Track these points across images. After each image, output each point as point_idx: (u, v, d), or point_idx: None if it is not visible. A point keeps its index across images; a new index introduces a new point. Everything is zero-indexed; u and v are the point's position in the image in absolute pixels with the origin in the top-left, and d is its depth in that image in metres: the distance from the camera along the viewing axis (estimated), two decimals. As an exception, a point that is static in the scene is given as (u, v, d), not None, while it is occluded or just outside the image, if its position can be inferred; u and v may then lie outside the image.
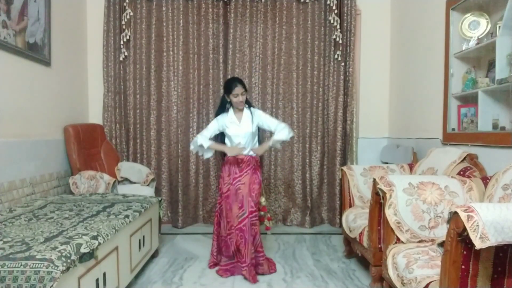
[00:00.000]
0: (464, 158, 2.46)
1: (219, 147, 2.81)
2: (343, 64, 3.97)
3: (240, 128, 2.78)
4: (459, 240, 1.40)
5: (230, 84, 2.76)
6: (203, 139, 2.75)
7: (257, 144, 2.86)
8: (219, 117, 2.85)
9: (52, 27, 3.20)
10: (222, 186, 2.79)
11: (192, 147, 2.87)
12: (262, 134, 3.12)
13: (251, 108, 2.86)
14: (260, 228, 2.77)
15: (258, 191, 2.72)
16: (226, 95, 2.79)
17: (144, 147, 4.01)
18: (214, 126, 2.84)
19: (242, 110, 2.81)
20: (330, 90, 4.00)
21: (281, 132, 2.69)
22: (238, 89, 2.71)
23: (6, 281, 1.39)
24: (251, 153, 2.76)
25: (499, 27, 2.29)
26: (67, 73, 3.55)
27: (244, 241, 2.60)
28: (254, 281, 2.55)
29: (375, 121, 4.15)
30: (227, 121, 2.81)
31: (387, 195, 2.02)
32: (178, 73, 3.95)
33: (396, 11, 4.00)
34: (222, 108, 2.87)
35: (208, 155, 2.85)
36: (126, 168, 3.67)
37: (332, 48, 3.98)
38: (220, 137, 2.89)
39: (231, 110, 2.82)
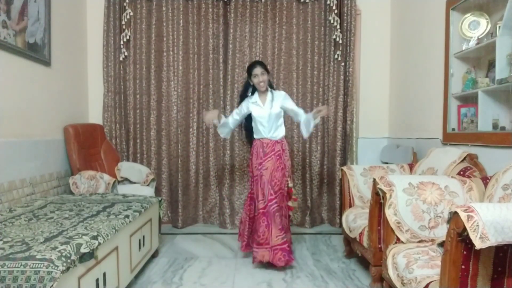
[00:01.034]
0: (464, 158, 2.46)
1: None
2: (343, 64, 3.97)
3: (263, 109, 2.90)
4: (459, 240, 1.40)
5: (250, 66, 2.95)
6: (226, 119, 3.02)
7: (282, 125, 2.96)
8: (244, 101, 3.00)
9: (52, 27, 3.20)
10: (252, 168, 2.94)
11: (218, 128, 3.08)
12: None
13: (273, 90, 2.99)
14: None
15: (280, 179, 2.83)
16: (249, 79, 2.95)
17: (144, 147, 4.01)
18: (241, 108, 2.99)
19: (265, 92, 2.94)
20: (330, 90, 4.00)
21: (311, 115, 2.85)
22: (257, 70, 2.86)
23: (6, 281, 1.39)
24: (276, 137, 2.90)
25: (499, 27, 2.29)
26: (67, 73, 3.55)
27: (267, 225, 2.76)
28: (257, 261, 2.75)
29: (375, 121, 4.15)
30: (251, 103, 2.95)
31: (387, 195, 2.02)
32: (178, 73, 3.95)
33: (396, 11, 4.00)
34: (244, 91, 3.03)
35: (224, 130, 3.06)
36: (126, 168, 3.67)
37: (332, 48, 3.98)
38: (245, 121, 3.06)
39: (256, 93, 2.96)
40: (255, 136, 2.98)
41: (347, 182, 3.03)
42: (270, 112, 2.87)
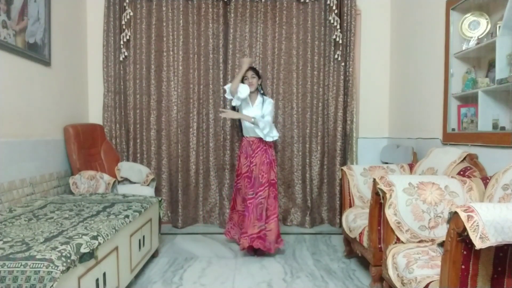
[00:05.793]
0: (464, 158, 2.46)
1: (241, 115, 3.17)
2: (343, 64, 3.97)
3: (251, 110, 3.17)
4: (459, 240, 1.40)
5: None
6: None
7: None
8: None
9: (52, 27, 3.20)
10: (240, 166, 3.21)
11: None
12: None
13: (264, 96, 3.23)
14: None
15: (266, 172, 3.08)
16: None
17: (144, 147, 4.01)
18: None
19: (255, 93, 3.20)
20: (330, 90, 4.00)
21: (260, 121, 3.05)
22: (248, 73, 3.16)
23: (6, 281, 1.39)
24: (261, 135, 3.09)
25: (499, 27, 2.29)
26: (67, 73, 3.55)
27: (247, 215, 3.02)
28: (242, 248, 3.05)
29: (375, 121, 4.15)
30: (242, 100, 3.17)
31: (387, 195, 2.02)
32: (178, 73, 3.95)
33: (396, 11, 4.00)
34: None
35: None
36: (126, 168, 3.67)
37: (332, 48, 3.98)
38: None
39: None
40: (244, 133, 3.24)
41: (347, 182, 3.03)
42: (259, 114, 3.11)
